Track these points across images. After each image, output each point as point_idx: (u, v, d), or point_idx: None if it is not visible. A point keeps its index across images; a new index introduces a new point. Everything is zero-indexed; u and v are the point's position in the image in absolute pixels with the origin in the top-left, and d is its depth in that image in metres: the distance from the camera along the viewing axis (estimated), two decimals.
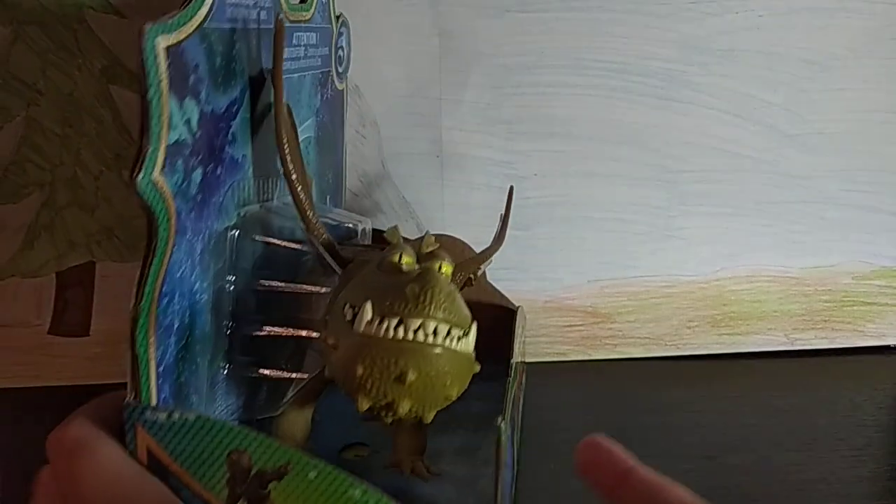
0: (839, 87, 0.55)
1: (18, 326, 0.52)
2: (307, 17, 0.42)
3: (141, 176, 0.27)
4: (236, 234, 0.35)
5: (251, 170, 0.36)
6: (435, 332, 0.29)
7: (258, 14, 0.36)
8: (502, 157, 0.56)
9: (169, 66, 0.27)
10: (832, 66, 0.55)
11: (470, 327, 0.31)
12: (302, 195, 0.35)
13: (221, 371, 0.35)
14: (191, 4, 0.29)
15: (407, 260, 0.32)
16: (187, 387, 0.32)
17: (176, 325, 0.30)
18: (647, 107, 0.55)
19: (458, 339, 0.30)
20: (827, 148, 0.56)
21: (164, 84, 0.27)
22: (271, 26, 0.36)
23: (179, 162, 0.29)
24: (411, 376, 0.29)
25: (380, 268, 0.32)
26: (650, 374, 0.56)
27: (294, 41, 0.41)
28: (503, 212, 0.45)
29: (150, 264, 0.28)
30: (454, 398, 0.31)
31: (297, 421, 0.36)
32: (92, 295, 0.53)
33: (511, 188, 0.46)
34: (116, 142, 0.51)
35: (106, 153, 0.51)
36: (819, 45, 0.54)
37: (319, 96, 0.46)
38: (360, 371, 0.29)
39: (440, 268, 0.32)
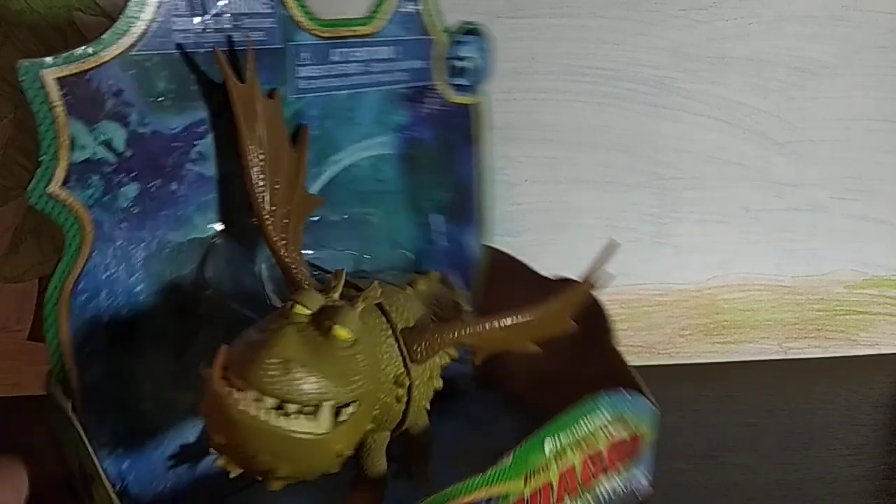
0: (829, 94, 0.55)
1: None
2: (368, 31, 0.42)
3: (31, 188, 0.32)
4: (210, 245, 0.38)
5: (235, 188, 0.37)
6: (258, 401, 0.26)
7: (240, 36, 0.37)
8: (493, 163, 0.55)
9: (65, 94, 0.31)
10: (822, 74, 0.55)
11: (319, 406, 0.27)
12: (267, 217, 0.34)
13: (188, 365, 0.37)
14: (95, 41, 0.32)
15: (299, 311, 0.29)
16: (129, 371, 0.36)
17: (106, 319, 0.34)
18: (638, 113, 0.55)
19: (297, 414, 0.27)
20: (817, 156, 0.56)
21: (59, 110, 0.31)
22: (270, 47, 0.38)
23: (96, 178, 0.33)
24: (217, 438, 0.27)
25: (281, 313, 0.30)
26: (645, 376, 0.55)
27: (337, 57, 0.41)
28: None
29: (59, 262, 0.33)
30: (314, 472, 0.29)
31: None
32: None
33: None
34: None
35: None
36: (809, 53, 0.55)
37: (409, 112, 0.45)
38: (202, 411, 0.28)
39: (330, 329, 0.29)
